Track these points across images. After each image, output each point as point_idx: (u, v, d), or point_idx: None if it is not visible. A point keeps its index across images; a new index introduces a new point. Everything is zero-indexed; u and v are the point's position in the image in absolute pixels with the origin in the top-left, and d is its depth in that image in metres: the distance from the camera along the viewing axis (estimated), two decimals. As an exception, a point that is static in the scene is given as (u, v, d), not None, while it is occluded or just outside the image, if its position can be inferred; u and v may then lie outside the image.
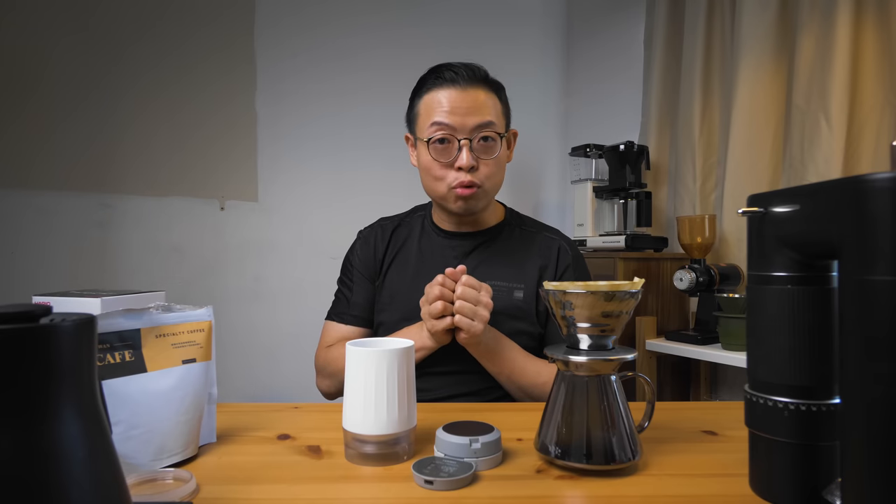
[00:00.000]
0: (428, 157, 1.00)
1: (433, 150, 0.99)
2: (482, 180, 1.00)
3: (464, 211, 1.02)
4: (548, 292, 0.60)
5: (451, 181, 0.99)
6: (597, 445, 0.57)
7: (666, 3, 2.09)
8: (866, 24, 1.54)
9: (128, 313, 0.60)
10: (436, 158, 0.99)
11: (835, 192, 0.43)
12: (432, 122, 0.98)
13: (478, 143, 0.98)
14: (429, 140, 0.99)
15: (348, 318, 1.10)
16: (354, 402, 0.62)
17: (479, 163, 0.99)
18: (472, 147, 0.98)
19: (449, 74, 0.99)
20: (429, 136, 0.99)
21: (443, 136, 0.98)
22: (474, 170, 0.99)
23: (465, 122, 0.97)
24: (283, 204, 2.24)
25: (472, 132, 0.97)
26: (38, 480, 0.31)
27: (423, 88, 1.02)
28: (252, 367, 2.18)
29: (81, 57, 1.97)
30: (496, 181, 1.03)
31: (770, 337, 0.49)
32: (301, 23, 2.26)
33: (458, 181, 0.98)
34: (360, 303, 1.10)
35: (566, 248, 1.10)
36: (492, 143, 1.00)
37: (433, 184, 1.02)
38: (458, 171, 0.98)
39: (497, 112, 1.01)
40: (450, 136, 0.98)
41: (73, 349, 0.33)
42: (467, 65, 1.00)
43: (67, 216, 1.97)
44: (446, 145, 0.98)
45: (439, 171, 1.00)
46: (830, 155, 1.56)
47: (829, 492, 0.47)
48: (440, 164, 0.99)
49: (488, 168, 1.00)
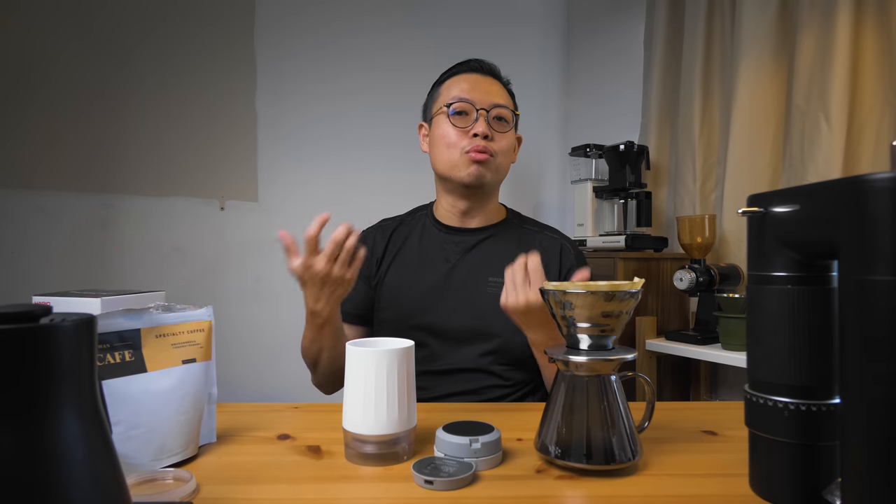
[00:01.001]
0: (445, 126, 1.06)
1: (453, 119, 1.05)
2: (495, 151, 1.05)
3: (474, 179, 1.04)
4: (548, 292, 0.60)
5: (466, 145, 1.04)
6: (597, 445, 0.57)
7: (666, 4, 2.09)
8: (866, 24, 1.54)
9: (128, 313, 0.60)
10: (454, 124, 1.05)
11: (835, 192, 0.43)
12: (453, 96, 1.06)
13: (493, 118, 1.05)
14: (449, 105, 1.05)
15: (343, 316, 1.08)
16: (354, 402, 0.62)
17: (494, 135, 1.05)
18: (487, 120, 1.04)
19: (474, 63, 1.10)
20: (449, 103, 1.06)
21: (461, 109, 1.05)
22: (488, 139, 1.04)
23: (485, 98, 1.05)
24: (283, 204, 2.24)
25: (490, 106, 1.05)
26: (38, 480, 0.31)
27: (448, 74, 1.11)
28: (252, 367, 2.18)
29: (83, 58, 1.97)
30: (506, 161, 1.09)
31: (770, 337, 0.49)
32: (301, 23, 2.26)
33: (472, 145, 1.03)
34: (355, 301, 1.08)
35: (569, 248, 1.11)
36: (505, 123, 1.07)
37: (446, 152, 1.06)
38: (472, 138, 1.03)
39: (510, 105, 1.09)
40: (468, 108, 1.05)
41: (73, 349, 0.33)
42: (492, 63, 1.12)
43: (68, 216, 1.97)
44: (463, 116, 1.05)
45: (455, 138, 1.05)
46: (830, 155, 1.56)
47: (829, 492, 0.47)
48: (457, 130, 1.05)
49: (502, 142, 1.06)
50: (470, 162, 1.03)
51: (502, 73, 1.13)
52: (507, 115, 1.07)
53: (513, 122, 1.09)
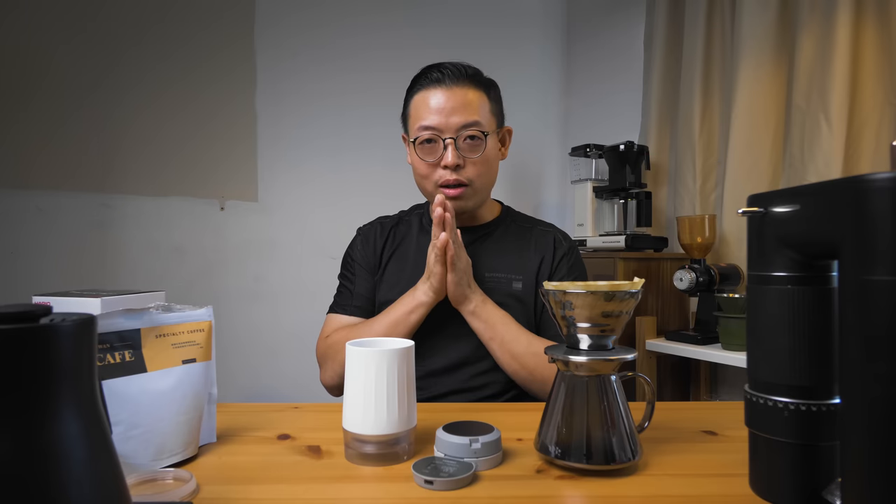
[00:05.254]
0: (415, 157, 1.03)
1: (419, 150, 1.02)
2: (471, 178, 1.01)
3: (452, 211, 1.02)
4: (548, 292, 0.60)
5: (437, 179, 1.01)
6: (597, 445, 0.57)
7: (666, 3, 2.09)
8: (866, 24, 1.54)
9: (128, 313, 0.60)
10: (422, 158, 1.02)
11: (835, 192, 0.43)
12: (419, 124, 1.01)
13: (463, 142, 1.00)
14: (415, 140, 1.01)
15: (351, 309, 1.10)
16: (354, 402, 0.62)
17: (466, 161, 1.01)
18: (457, 146, 0.99)
19: (435, 75, 1.01)
20: (415, 137, 1.01)
21: (429, 137, 1.00)
22: (460, 168, 1.00)
23: (450, 122, 0.99)
24: (283, 204, 2.24)
25: (456, 131, 0.99)
26: (38, 480, 0.31)
27: (413, 89, 1.04)
28: (252, 367, 2.18)
29: (82, 57, 1.97)
30: (486, 180, 1.05)
31: (770, 337, 0.49)
32: (301, 23, 2.26)
33: (443, 179, 1.00)
34: (363, 293, 1.10)
35: (560, 238, 1.12)
36: (478, 141, 1.01)
37: (422, 182, 1.05)
38: (444, 170, 1.00)
39: (485, 110, 1.02)
40: (435, 137, 1.00)
41: (73, 349, 0.33)
42: (455, 64, 1.02)
43: (67, 216, 1.97)
44: (432, 145, 1.01)
45: (426, 170, 1.02)
46: (830, 155, 1.56)
47: (829, 492, 0.47)
48: (426, 163, 1.02)
49: (476, 167, 1.01)
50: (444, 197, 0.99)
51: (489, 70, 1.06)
52: (479, 133, 1.00)
53: (487, 139, 1.01)
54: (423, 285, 0.98)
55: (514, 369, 0.98)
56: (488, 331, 0.98)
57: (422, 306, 0.97)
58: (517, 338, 0.97)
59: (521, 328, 0.99)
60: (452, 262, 0.94)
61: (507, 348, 0.97)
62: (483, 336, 0.98)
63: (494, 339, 0.98)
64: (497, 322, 0.98)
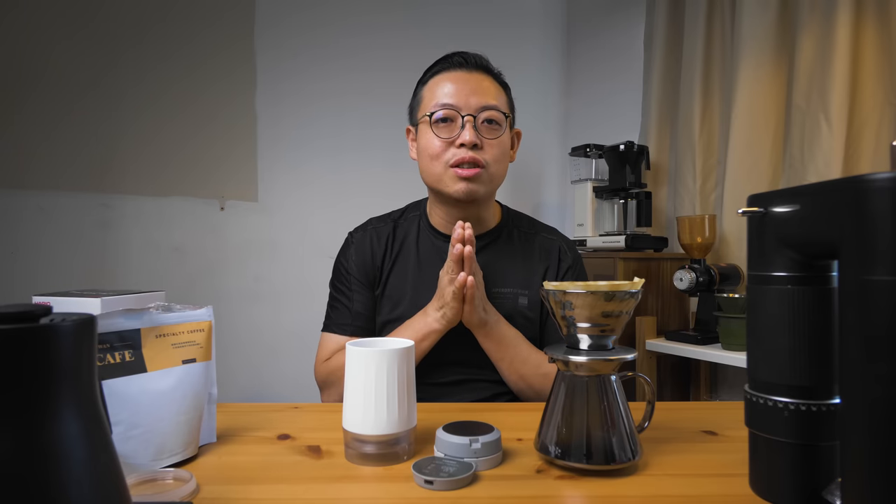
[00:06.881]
0: (428, 136, 0.97)
1: (434, 126, 0.96)
2: (487, 161, 0.95)
3: (464, 195, 0.96)
4: (548, 292, 0.60)
5: (450, 157, 0.95)
6: (597, 445, 0.57)
7: (666, 3, 2.09)
8: (866, 24, 1.54)
9: (128, 313, 0.60)
10: (437, 134, 0.96)
11: (835, 192, 0.43)
12: (435, 102, 0.96)
13: (482, 123, 0.96)
14: (431, 115, 0.96)
15: (351, 329, 1.04)
16: (354, 402, 0.62)
17: (483, 143, 0.95)
18: (475, 126, 0.95)
19: (458, 59, 0.98)
20: (431, 111, 0.96)
21: (445, 115, 0.95)
22: (477, 148, 0.95)
23: (470, 102, 0.95)
24: (283, 204, 2.24)
25: (476, 111, 0.95)
26: (38, 480, 0.31)
27: (430, 73, 1.01)
28: (252, 367, 2.18)
29: (82, 57, 1.98)
30: (501, 168, 0.99)
31: (770, 337, 0.49)
32: (301, 23, 2.26)
33: (457, 157, 0.94)
34: (363, 312, 1.04)
35: (566, 249, 1.09)
36: (496, 126, 0.97)
37: (431, 165, 0.97)
38: (458, 148, 0.95)
39: (503, 102, 0.99)
40: (453, 115, 0.95)
41: (73, 349, 0.33)
42: (478, 54, 1.00)
43: (67, 216, 1.97)
44: (448, 124, 0.96)
45: (438, 148, 0.96)
46: (830, 155, 1.56)
47: (829, 492, 0.47)
48: (441, 140, 0.95)
49: (493, 150, 0.96)
50: (457, 178, 0.95)
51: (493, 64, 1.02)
52: (499, 117, 0.96)
53: (506, 124, 0.98)
54: (436, 312, 0.93)
55: (521, 388, 0.98)
56: (499, 351, 0.96)
57: (434, 333, 0.93)
58: (527, 359, 0.97)
59: (531, 347, 0.98)
60: (472, 296, 0.91)
61: (516, 368, 0.97)
62: (493, 355, 0.97)
63: (504, 360, 0.97)
64: (509, 342, 0.96)
